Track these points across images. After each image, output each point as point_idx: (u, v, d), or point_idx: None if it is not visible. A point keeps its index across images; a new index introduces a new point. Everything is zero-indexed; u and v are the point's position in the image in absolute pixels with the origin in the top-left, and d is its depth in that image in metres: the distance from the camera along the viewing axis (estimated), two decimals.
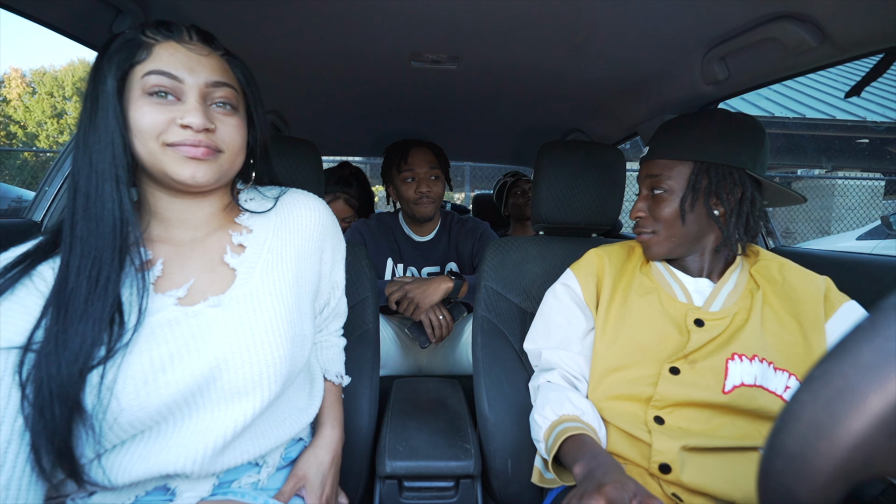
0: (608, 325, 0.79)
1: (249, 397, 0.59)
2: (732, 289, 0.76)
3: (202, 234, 0.65)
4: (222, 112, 0.60)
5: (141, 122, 0.55)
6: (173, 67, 0.56)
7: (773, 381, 0.69)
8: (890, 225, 4.54)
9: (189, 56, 0.57)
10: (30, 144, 13.19)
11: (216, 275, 0.63)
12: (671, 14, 0.79)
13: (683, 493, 0.69)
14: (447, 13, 0.81)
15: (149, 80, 0.55)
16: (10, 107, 13.56)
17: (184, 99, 0.57)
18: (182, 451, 0.55)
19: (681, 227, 0.76)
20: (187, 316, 0.58)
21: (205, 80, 0.58)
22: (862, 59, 0.79)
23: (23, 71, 14.09)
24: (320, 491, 0.70)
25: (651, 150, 0.80)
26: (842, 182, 7.27)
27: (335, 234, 0.78)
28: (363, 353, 0.98)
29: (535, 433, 0.76)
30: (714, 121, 0.76)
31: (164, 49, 0.56)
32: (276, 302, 0.63)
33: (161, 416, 0.55)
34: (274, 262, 0.66)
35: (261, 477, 0.66)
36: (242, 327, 0.59)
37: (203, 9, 0.82)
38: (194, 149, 0.56)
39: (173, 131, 0.55)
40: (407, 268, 1.54)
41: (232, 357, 0.58)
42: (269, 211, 0.70)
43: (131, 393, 0.52)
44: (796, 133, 6.74)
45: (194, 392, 0.56)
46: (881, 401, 0.23)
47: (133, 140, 0.56)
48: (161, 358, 0.55)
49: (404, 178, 1.46)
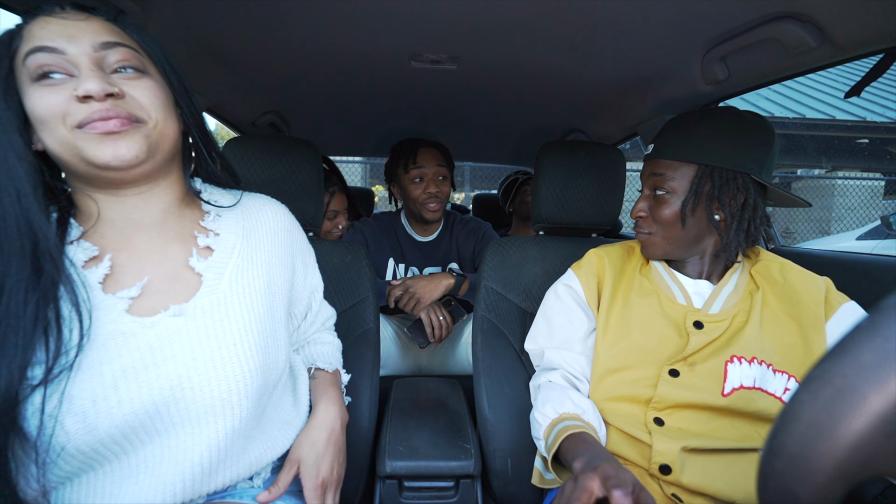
0: (609, 327, 0.79)
1: (218, 418, 0.53)
2: (732, 290, 0.76)
3: (158, 236, 0.58)
4: (126, 77, 0.52)
5: (37, 111, 0.48)
6: (49, 39, 0.48)
7: (773, 384, 0.69)
8: (890, 225, 4.54)
9: (64, 24, 0.49)
10: None
11: (179, 282, 0.56)
12: (671, 14, 0.79)
13: (683, 493, 0.69)
14: (447, 13, 0.81)
15: (30, 63, 0.48)
16: None
17: (75, 73, 0.49)
18: (155, 484, 0.50)
19: (680, 229, 0.76)
20: (144, 327, 0.51)
21: (90, 44, 0.50)
22: (862, 59, 0.79)
23: None
24: (315, 472, 0.64)
25: (656, 148, 0.78)
26: (842, 182, 7.27)
27: (302, 238, 0.75)
28: (363, 353, 0.98)
29: (535, 431, 0.76)
30: (722, 122, 0.74)
31: (35, 25, 0.49)
32: (246, 311, 0.58)
33: (115, 442, 0.49)
34: (244, 267, 0.61)
35: (255, 484, 0.63)
36: (208, 339, 0.54)
37: (203, 9, 0.82)
38: (105, 122, 0.48)
39: (76, 109, 0.48)
40: (408, 268, 1.54)
41: (196, 373, 0.52)
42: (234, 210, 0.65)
43: (78, 415, 0.46)
44: (796, 133, 6.74)
45: (151, 414, 0.50)
46: (881, 401, 0.23)
47: (41, 135, 0.49)
48: (113, 374, 0.48)
49: (412, 177, 1.44)
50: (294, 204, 0.84)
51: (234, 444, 0.55)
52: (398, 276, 1.52)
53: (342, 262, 1.04)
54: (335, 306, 1.02)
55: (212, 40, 0.95)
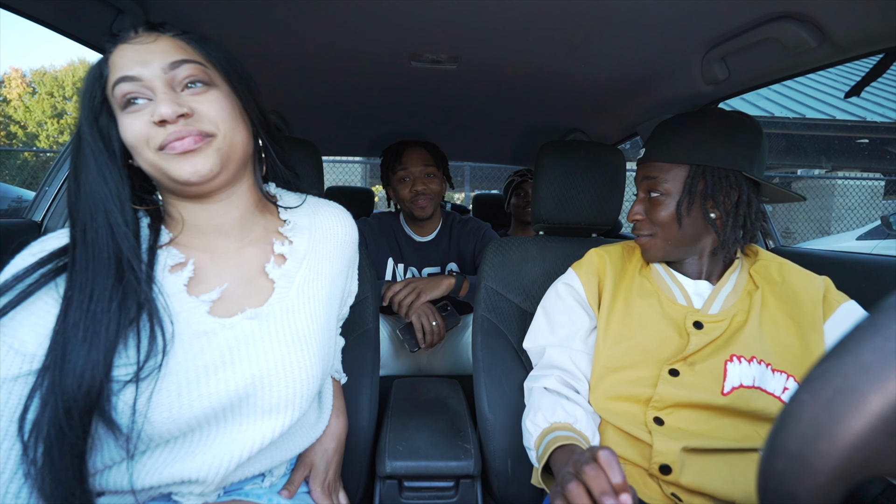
0: (611, 327, 0.79)
1: (280, 415, 0.59)
2: (731, 290, 0.76)
3: (237, 241, 0.62)
4: (196, 91, 0.55)
5: (127, 138, 0.53)
6: (127, 69, 0.52)
7: (772, 383, 0.69)
8: (890, 225, 4.54)
9: (137, 49, 0.53)
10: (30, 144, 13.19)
11: (253, 286, 0.61)
12: (671, 14, 0.79)
13: (683, 493, 0.69)
14: (447, 13, 0.81)
15: (116, 94, 0.53)
16: (10, 107, 13.56)
17: (153, 96, 0.53)
18: (206, 460, 0.55)
19: (677, 230, 0.76)
20: (224, 327, 0.56)
21: (160, 66, 0.53)
22: (862, 59, 0.79)
23: (23, 71, 14.10)
24: (324, 476, 0.72)
25: (647, 152, 0.80)
26: (842, 182, 7.27)
27: (357, 247, 0.79)
28: (363, 353, 0.98)
29: (526, 440, 0.75)
30: (709, 122, 0.76)
31: (116, 55, 0.53)
32: (310, 319, 0.62)
33: (190, 427, 0.54)
34: (311, 277, 0.65)
35: (263, 485, 0.66)
36: (280, 344, 0.58)
37: (202, 9, 0.82)
38: (181, 142, 0.52)
39: (155, 133, 0.52)
40: (407, 268, 1.54)
41: (268, 374, 0.57)
42: (305, 221, 0.69)
43: (163, 406, 0.51)
44: (796, 133, 6.74)
45: (225, 407, 0.55)
46: (881, 401, 0.23)
47: (135, 156, 0.55)
48: (196, 370, 0.53)
49: (399, 178, 1.47)
50: None
51: (279, 438, 0.60)
52: (398, 276, 1.52)
53: None
54: None
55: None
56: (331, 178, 6.63)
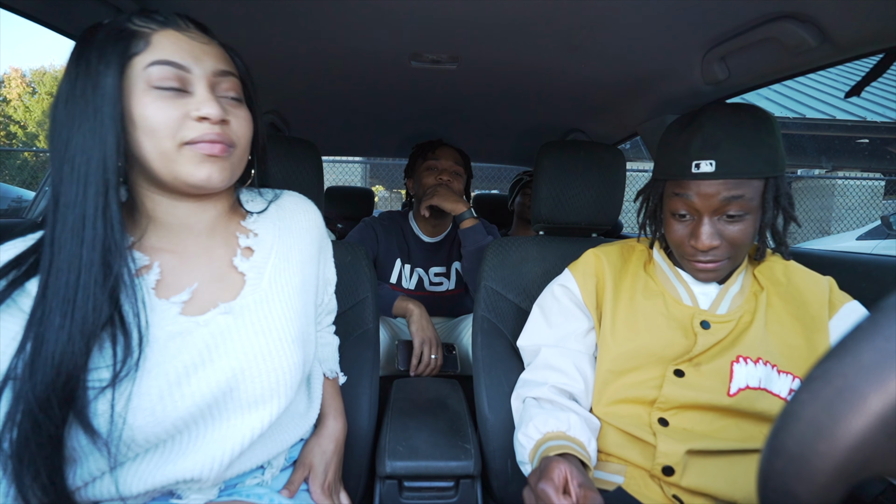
0: (616, 328, 0.78)
1: (266, 406, 0.59)
2: (738, 291, 0.76)
3: (206, 240, 0.61)
4: (230, 104, 0.56)
5: (153, 120, 0.50)
6: (179, 56, 0.51)
7: (777, 384, 0.69)
8: (890, 225, 4.54)
9: (192, 44, 0.53)
10: (30, 144, 13.19)
11: (225, 282, 0.60)
12: (671, 14, 0.79)
13: (684, 494, 0.69)
14: (447, 13, 0.81)
15: (153, 72, 0.50)
16: (10, 107, 13.55)
17: (192, 90, 0.52)
18: (199, 459, 0.55)
19: (747, 245, 0.71)
20: (198, 325, 0.55)
21: (212, 69, 0.54)
22: (862, 59, 0.79)
23: (23, 71, 14.10)
24: (323, 478, 0.72)
25: (722, 167, 0.67)
26: (842, 182, 7.26)
27: (325, 233, 0.79)
28: (363, 353, 0.98)
29: (520, 455, 0.73)
30: (768, 124, 0.69)
31: (163, 37, 0.51)
32: (285, 308, 0.62)
33: (177, 429, 0.54)
34: (282, 267, 0.65)
35: (265, 478, 0.66)
36: (256, 335, 0.58)
37: (202, 8, 0.82)
38: (212, 145, 0.52)
39: (190, 126, 0.51)
40: (414, 269, 1.53)
41: (249, 366, 0.57)
42: (268, 212, 0.68)
43: (146, 410, 0.50)
44: (796, 133, 6.74)
45: (210, 404, 0.55)
46: (881, 401, 0.23)
47: (139, 139, 0.51)
48: (176, 371, 0.52)
49: (428, 166, 1.48)
50: None
51: (269, 430, 0.61)
52: (404, 276, 1.52)
53: (342, 263, 1.04)
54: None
55: None
56: (331, 178, 6.63)
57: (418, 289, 1.52)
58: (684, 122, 0.73)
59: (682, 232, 0.72)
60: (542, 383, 0.79)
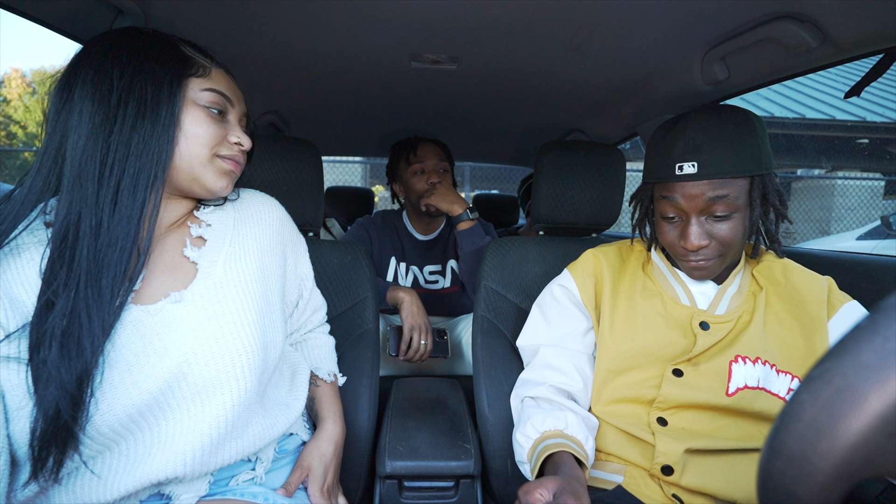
0: (615, 328, 0.78)
1: (225, 390, 0.58)
2: (736, 291, 0.76)
3: (156, 229, 0.62)
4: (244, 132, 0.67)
5: (200, 130, 0.60)
6: (230, 92, 0.64)
7: (776, 384, 0.69)
8: (890, 225, 4.54)
9: (235, 87, 0.66)
10: (30, 144, 13.18)
11: (177, 272, 0.61)
12: (671, 14, 0.79)
13: (684, 493, 0.69)
14: (447, 13, 0.81)
15: (205, 96, 0.61)
16: (10, 107, 13.55)
17: (228, 119, 0.64)
18: (168, 456, 0.54)
19: (739, 244, 0.71)
20: (149, 314, 0.56)
21: (243, 110, 0.68)
22: (862, 59, 0.79)
23: (23, 71, 14.10)
24: (322, 481, 0.73)
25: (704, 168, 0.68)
26: (842, 182, 7.27)
27: (293, 228, 0.81)
28: (363, 353, 0.98)
29: (518, 455, 0.74)
30: (752, 123, 0.70)
31: (219, 74, 0.64)
32: (241, 293, 0.63)
33: (133, 421, 0.54)
34: (236, 255, 0.66)
35: (258, 473, 0.66)
36: (208, 320, 0.58)
37: (203, 8, 0.82)
38: (235, 165, 0.65)
39: (225, 145, 0.63)
40: (409, 267, 1.53)
41: (200, 350, 0.57)
42: (225, 206, 0.71)
43: (98, 399, 0.51)
44: (796, 133, 6.74)
45: (164, 392, 0.55)
46: (881, 400, 0.23)
47: (180, 142, 0.58)
48: (126, 360, 0.53)
49: (413, 171, 1.44)
50: (294, 204, 0.84)
51: (239, 416, 0.60)
52: (399, 275, 1.52)
53: (342, 263, 1.04)
54: (335, 307, 1.01)
55: (211, 40, 0.94)
56: (331, 178, 6.63)
57: (414, 287, 1.53)
58: (668, 126, 0.75)
59: (672, 233, 0.74)
60: (540, 383, 0.79)
